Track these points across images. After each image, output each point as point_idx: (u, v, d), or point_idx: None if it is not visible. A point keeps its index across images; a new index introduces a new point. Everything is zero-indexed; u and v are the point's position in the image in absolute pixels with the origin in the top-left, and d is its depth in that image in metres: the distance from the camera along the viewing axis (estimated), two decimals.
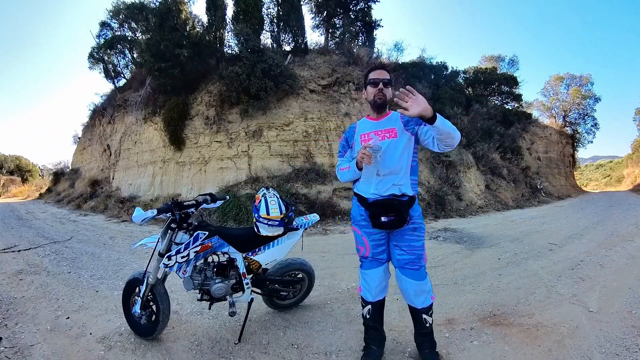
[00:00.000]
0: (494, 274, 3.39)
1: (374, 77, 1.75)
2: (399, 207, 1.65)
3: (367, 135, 1.78)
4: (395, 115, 1.78)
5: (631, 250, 4.23)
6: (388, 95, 1.77)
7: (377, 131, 1.76)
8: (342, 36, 12.17)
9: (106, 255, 4.46)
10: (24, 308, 2.65)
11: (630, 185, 24.88)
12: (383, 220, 1.65)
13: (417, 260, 1.71)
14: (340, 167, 1.90)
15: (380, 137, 1.73)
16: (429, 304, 1.73)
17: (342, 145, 1.96)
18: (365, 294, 1.82)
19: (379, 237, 1.77)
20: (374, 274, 1.78)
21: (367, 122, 1.85)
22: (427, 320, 1.74)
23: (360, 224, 1.82)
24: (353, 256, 4.17)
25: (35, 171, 34.01)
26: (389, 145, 1.70)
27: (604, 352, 1.88)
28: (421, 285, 1.70)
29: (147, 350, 1.99)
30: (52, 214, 10.09)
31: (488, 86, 15.97)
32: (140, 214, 1.84)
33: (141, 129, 10.91)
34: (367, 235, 1.79)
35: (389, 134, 1.73)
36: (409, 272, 1.70)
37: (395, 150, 1.70)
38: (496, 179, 11.52)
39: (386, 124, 1.76)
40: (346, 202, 7.31)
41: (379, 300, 1.81)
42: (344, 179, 1.87)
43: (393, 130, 1.73)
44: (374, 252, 1.78)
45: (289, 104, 8.64)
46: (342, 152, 1.96)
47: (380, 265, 1.78)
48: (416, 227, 1.73)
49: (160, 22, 8.94)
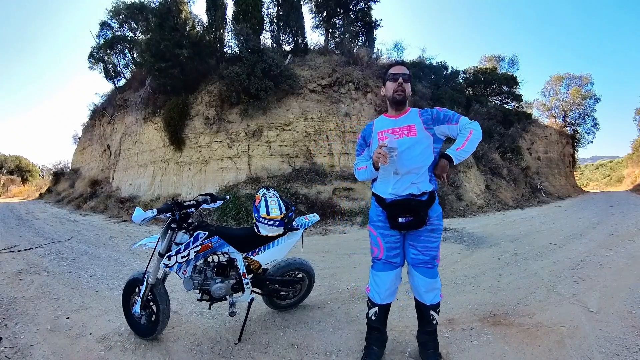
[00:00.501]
0: (494, 274, 3.39)
1: (393, 72, 1.71)
2: (417, 208, 1.60)
3: (384, 133, 1.73)
4: (414, 112, 1.74)
5: (631, 250, 4.23)
6: (407, 91, 1.71)
7: (395, 129, 1.70)
8: (342, 36, 12.17)
9: (106, 255, 4.46)
10: (24, 308, 2.65)
11: (630, 185, 24.88)
12: (401, 221, 1.61)
13: (432, 260, 1.70)
14: (357, 166, 1.85)
15: (398, 135, 1.67)
16: (438, 302, 1.74)
17: (359, 144, 1.90)
18: (373, 295, 1.79)
19: (394, 240, 1.72)
20: (385, 277, 1.74)
21: (384, 120, 1.79)
22: (434, 317, 1.74)
23: (376, 224, 1.77)
24: (353, 256, 4.17)
25: (35, 171, 33.99)
26: (408, 143, 1.64)
27: (604, 352, 1.88)
28: (432, 283, 1.70)
29: (147, 350, 1.99)
30: (52, 214, 10.09)
31: (488, 86, 15.96)
32: (140, 214, 1.84)
33: (141, 129, 10.91)
34: (382, 236, 1.73)
35: (408, 132, 1.67)
36: (422, 270, 1.70)
37: (413, 149, 1.64)
38: (496, 179, 11.52)
39: (404, 121, 1.71)
40: (346, 202, 7.31)
41: (387, 303, 1.78)
42: (362, 178, 1.83)
43: (412, 127, 1.67)
44: (388, 254, 1.72)
45: (289, 104, 8.64)
46: (359, 151, 1.90)
47: (393, 269, 1.73)
48: (434, 228, 1.68)
49: (160, 22, 8.94)
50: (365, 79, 9.57)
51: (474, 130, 1.65)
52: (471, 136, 1.64)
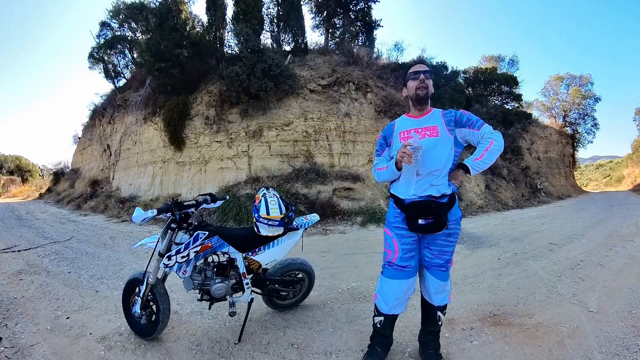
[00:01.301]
0: (494, 274, 3.39)
1: (414, 70, 1.67)
2: (438, 210, 1.56)
3: (406, 133, 1.67)
4: (437, 112, 1.69)
5: (631, 250, 4.23)
6: (430, 87, 1.66)
7: (418, 129, 1.65)
8: (342, 36, 12.17)
9: (106, 255, 4.46)
10: (24, 308, 2.65)
11: (630, 185, 24.88)
12: (421, 223, 1.56)
13: (445, 264, 1.69)
14: (377, 166, 1.79)
15: (420, 135, 1.62)
16: (445, 303, 1.74)
17: (379, 144, 1.83)
18: (380, 303, 1.72)
19: (410, 241, 1.66)
20: (395, 285, 1.66)
21: (406, 120, 1.74)
22: (440, 318, 1.74)
23: (392, 226, 1.71)
24: (353, 256, 4.17)
25: (35, 171, 33.98)
26: (430, 144, 1.59)
27: (604, 352, 1.88)
28: (443, 285, 1.70)
29: (147, 350, 1.99)
30: (52, 214, 10.09)
31: (488, 86, 15.96)
32: (140, 214, 1.84)
33: (141, 129, 10.90)
34: (398, 238, 1.67)
35: (430, 132, 1.62)
36: (435, 272, 1.69)
37: (436, 150, 1.59)
38: (496, 179, 11.52)
39: (427, 122, 1.66)
40: (346, 202, 7.32)
41: (394, 314, 1.72)
42: (381, 179, 1.76)
43: (435, 128, 1.62)
44: (402, 257, 1.65)
45: (289, 104, 8.64)
46: (379, 151, 1.83)
47: (406, 278, 1.66)
48: (451, 232, 1.64)
49: (160, 22, 8.93)
50: (365, 79, 9.57)
51: (496, 141, 1.58)
52: (492, 147, 1.58)
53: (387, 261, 1.72)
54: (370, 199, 7.60)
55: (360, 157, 8.67)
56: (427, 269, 1.71)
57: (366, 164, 8.54)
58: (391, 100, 9.28)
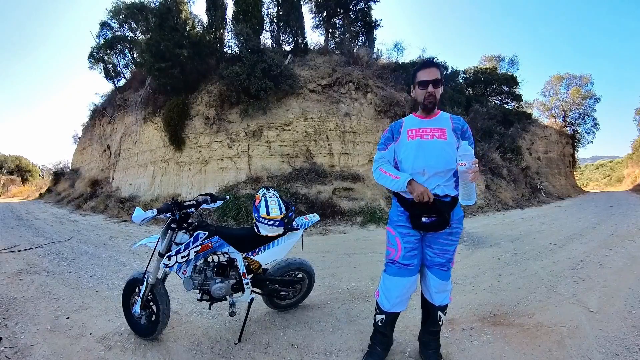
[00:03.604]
0: (494, 274, 3.39)
1: (422, 79, 1.67)
2: (441, 209, 1.58)
3: (414, 132, 1.70)
4: (444, 115, 1.73)
5: (631, 250, 4.23)
6: (438, 96, 1.69)
7: (426, 129, 1.69)
8: (342, 36, 12.17)
9: (106, 255, 4.46)
10: (24, 308, 2.65)
11: (630, 185, 24.87)
12: (424, 221, 1.59)
13: (447, 263, 1.70)
14: (382, 167, 1.75)
15: (429, 136, 1.66)
16: (446, 303, 1.74)
17: (386, 137, 1.80)
18: (382, 301, 1.74)
19: (413, 240, 1.68)
20: (398, 282, 1.68)
21: (414, 119, 1.76)
22: (441, 318, 1.75)
23: (396, 224, 1.73)
24: (353, 256, 4.17)
25: (35, 171, 33.98)
26: (438, 145, 1.64)
27: (604, 352, 1.88)
28: (445, 285, 1.71)
29: (147, 350, 1.99)
30: (52, 214, 10.09)
31: (488, 86, 15.97)
32: (140, 214, 1.84)
33: (141, 129, 10.90)
34: (401, 236, 1.69)
35: (439, 134, 1.66)
36: (436, 271, 1.70)
37: (442, 152, 1.63)
38: (496, 179, 11.51)
39: (436, 124, 1.69)
40: (346, 202, 7.32)
41: (395, 312, 1.74)
42: (382, 182, 1.74)
43: (443, 131, 1.67)
44: (405, 255, 1.67)
45: (289, 104, 8.64)
46: (384, 146, 1.80)
47: (408, 275, 1.67)
48: (453, 231, 1.67)
49: (160, 22, 8.94)
50: (365, 79, 9.57)
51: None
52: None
53: (390, 259, 1.73)
54: (370, 199, 7.61)
55: (360, 157, 8.67)
56: (428, 268, 1.72)
57: (366, 164, 8.54)
58: (391, 101, 9.28)
